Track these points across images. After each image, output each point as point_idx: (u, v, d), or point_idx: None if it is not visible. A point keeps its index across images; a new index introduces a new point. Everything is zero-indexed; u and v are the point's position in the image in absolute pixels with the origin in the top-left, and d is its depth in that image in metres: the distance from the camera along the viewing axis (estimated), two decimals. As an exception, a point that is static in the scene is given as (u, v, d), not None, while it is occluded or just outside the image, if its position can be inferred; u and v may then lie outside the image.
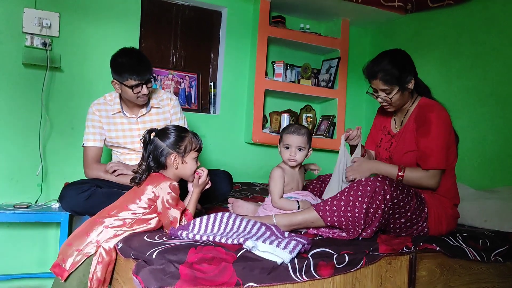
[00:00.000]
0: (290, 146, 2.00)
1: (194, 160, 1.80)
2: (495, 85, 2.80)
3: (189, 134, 1.81)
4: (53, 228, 2.85)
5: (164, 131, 1.79)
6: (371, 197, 1.73)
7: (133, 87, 2.16)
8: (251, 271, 1.44)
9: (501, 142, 2.72)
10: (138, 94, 2.19)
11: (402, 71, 1.95)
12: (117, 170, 2.20)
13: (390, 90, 1.97)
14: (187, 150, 1.77)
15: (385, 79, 1.95)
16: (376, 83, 1.98)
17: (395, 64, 1.95)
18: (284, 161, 2.04)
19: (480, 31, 2.94)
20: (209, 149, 3.40)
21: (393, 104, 2.02)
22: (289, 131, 2.02)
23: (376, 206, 1.74)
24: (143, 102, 2.27)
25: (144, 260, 1.41)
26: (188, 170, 1.78)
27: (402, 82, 1.96)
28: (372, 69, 1.99)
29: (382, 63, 1.96)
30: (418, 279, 1.79)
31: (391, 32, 3.75)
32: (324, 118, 3.78)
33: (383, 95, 2.00)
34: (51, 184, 2.85)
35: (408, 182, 1.92)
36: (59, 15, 2.87)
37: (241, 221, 1.69)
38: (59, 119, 2.89)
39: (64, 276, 1.62)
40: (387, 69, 1.94)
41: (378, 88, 1.99)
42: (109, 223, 1.66)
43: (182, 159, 1.76)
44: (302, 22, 3.71)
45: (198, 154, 1.82)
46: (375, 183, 1.74)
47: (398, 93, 1.98)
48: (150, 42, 3.32)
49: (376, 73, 1.96)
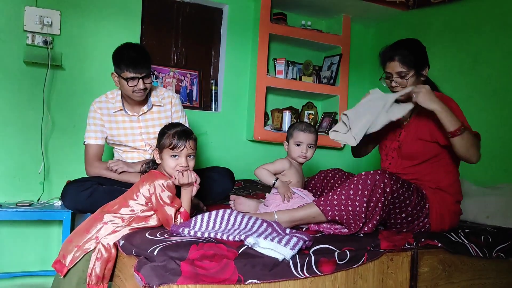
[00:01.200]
0: (302, 144, 2.08)
1: (171, 158, 1.74)
2: (498, 81, 2.79)
3: (172, 130, 1.76)
4: (55, 226, 2.86)
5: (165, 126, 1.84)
6: (371, 190, 1.73)
7: (128, 79, 2.15)
8: (252, 268, 1.45)
9: (504, 139, 2.71)
10: (134, 88, 2.18)
11: (419, 56, 1.99)
12: (118, 168, 2.20)
13: (407, 72, 1.96)
14: (164, 146, 1.75)
15: (403, 61, 1.95)
16: (393, 65, 1.98)
17: (412, 49, 1.99)
18: (294, 157, 2.09)
19: (482, 27, 2.92)
20: (210, 147, 3.40)
21: None
22: (301, 128, 2.09)
23: (376, 199, 1.74)
24: (140, 97, 2.25)
25: (146, 257, 1.41)
26: (166, 166, 1.75)
27: (418, 67, 1.98)
28: (390, 52, 2.00)
29: (401, 48, 1.99)
30: (420, 275, 1.79)
31: (392, 28, 3.74)
32: (326, 115, 3.78)
33: (398, 79, 1.98)
34: (53, 182, 2.86)
35: (464, 139, 1.80)
36: (60, 13, 2.87)
37: (242, 218, 1.69)
38: (61, 117, 2.89)
39: (64, 272, 1.63)
40: (405, 53, 1.96)
41: (394, 71, 1.98)
42: (109, 219, 1.67)
43: (160, 155, 1.77)
44: (303, 19, 3.71)
45: (174, 153, 1.74)
46: (375, 176, 1.75)
47: (413, 77, 1.97)
48: (151, 40, 3.32)
49: (393, 56, 1.97)
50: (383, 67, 2.05)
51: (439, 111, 1.81)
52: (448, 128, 1.81)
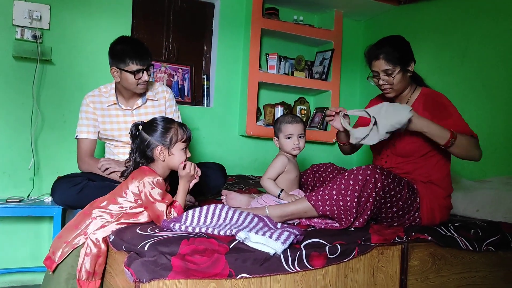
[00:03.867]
0: (292, 136, 2.07)
1: (183, 151, 1.78)
2: (486, 76, 2.81)
3: (175, 124, 1.79)
4: (46, 222, 2.84)
5: (151, 123, 1.79)
6: (363, 185, 1.74)
7: (135, 72, 2.14)
8: (243, 262, 1.45)
9: (492, 133, 2.73)
10: (139, 81, 2.17)
11: (404, 53, 1.99)
12: (109, 168, 2.18)
13: (393, 70, 1.97)
14: (173, 141, 1.76)
15: (387, 59, 1.96)
16: (378, 63, 1.99)
17: (396, 46, 1.99)
18: (287, 151, 2.08)
19: (472, 22, 2.94)
20: (202, 142, 3.39)
21: (395, 86, 2.01)
22: (288, 121, 2.08)
23: (368, 195, 1.75)
24: (142, 90, 2.25)
25: (136, 252, 1.41)
26: (176, 161, 1.77)
27: (404, 63, 1.98)
28: (375, 51, 2.01)
29: (384, 45, 2.00)
30: (410, 269, 1.80)
31: (384, 23, 3.74)
32: (318, 110, 3.78)
33: (385, 77, 1.99)
34: (44, 178, 2.84)
35: (459, 146, 1.85)
36: (50, 7, 2.84)
37: (234, 213, 1.69)
38: (51, 112, 2.87)
39: (53, 268, 1.62)
40: (389, 50, 1.97)
41: (380, 69, 1.99)
42: (97, 215, 1.66)
43: (168, 151, 1.75)
44: (295, 14, 3.70)
45: (186, 145, 1.80)
46: (366, 171, 1.75)
47: (400, 74, 1.98)
48: (142, 34, 3.30)
49: (378, 54, 1.98)
50: (369, 66, 2.05)
51: (425, 132, 1.86)
52: (440, 143, 1.86)
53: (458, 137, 1.84)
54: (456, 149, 1.87)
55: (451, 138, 1.83)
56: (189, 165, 1.77)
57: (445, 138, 1.84)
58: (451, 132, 1.84)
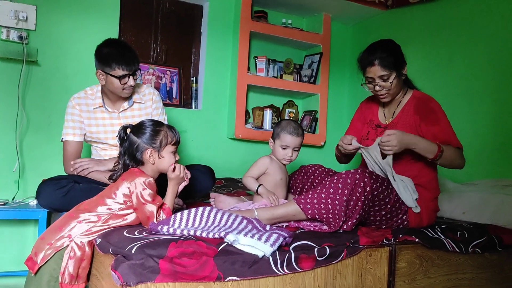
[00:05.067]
0: (288, 147, 2.05)
1: (172, 154, 1.78)
2: (473, 80, 2.85)
3: (165, 127, 1.78)
4: (31, 225, 2.79)
5: (139, 127, 1.77)
6: (351, 189, 1.74)
7: (120, 77, 2.12)
8: (232, 265, 1.44)
9: (479, 136, 2.76)
10: (125, 86, 2.15)
11: (397, 57, 1.99)
12: (87, 168, 2.15)
13: (389, 75, 1.97)
14: (162, 144, 1.75)
15: (383, 64, 1.95)
16: (374, 70, 1.97)
17: (390, 51, 1.99)
18: (278, 158, 2.08)
19: (459, 26, 2.98)
20: (191, 145, 3.38)
21: (391, 91, 2.01)
22: (289, 131, 2.04)
23: (356, 198, 1.75)
24: (128, 94, 2.23)
25: (123, 255, 1.39)
26: (165, 164, 1.76)
27: (399, 68, 2.00)
28: (368, 57, 1.99)
29: (378, 51, 1.98)
30: (398, 271, 1.81)
31: (371, 27, 3.77)
32: (306, 113, 3.79)
33: (381, 82, 1.99)
34: (29, 180, 2.79)
35: (445, 158, 1.88)
36: (36, 8, 2.80)
37: (222, 215, 1.68)
38: (36, 114, 2.83)
39: (35, 270, 1.60)
40: (383, 55, 1.96)
41: (375, 75, 1.98)
42: (84, 218, 1.64)
43: (158, 153, 1.74)
44: (284, 17, 3.71)
45: (175, 148, 1.80)
46: (355, 175, 1.76)
47: (396, 79, 1.99)
48: (130, 36, 3.28)
49: (373, 60, 1.97)
50: (363, 72, 2.04)
51: (414, 148, 1.87)
52: (428, 158, 1.89)
53: (445, 150, 1.88)
54: (442, 161, 1.91)
55: (439, 152, 1.87)
56: (178, 167, 1.76)
57: (433, 153, 1.87)
58: (438, 146, 1.87)
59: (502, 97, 2.66)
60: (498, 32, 2.71)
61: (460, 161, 1.97)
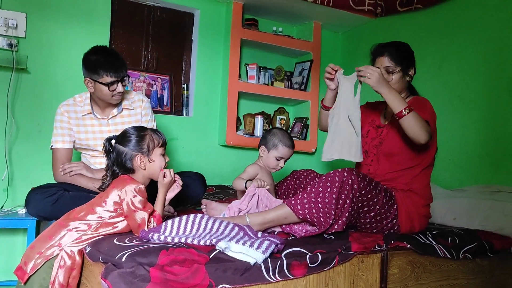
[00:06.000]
0: (282, 159, 2.12)
1: (161, 157, 1.77)
2: (462, 87, 2.87)
3: (149, 131, 1.78)
4: (20, 234, 2.76)
5: (124, 135, 1.76)
6: (340, 187, 1.76)
7: (109, 84, 2.11)
8: (224, 272, 1.43)
9: (468, 143, 2.79)
10: (114, 92, 2.15)
11: (407, 57, 2.10)
12: (74, 170, 2.14)
13: (394, 68, 2.04)
14: (150, 148, 1.74)
15: (391, 56, 2.05)
16: (382, 60, 2.06)
17: (401, 49, 2.10)
18: (268, 166, 2.12)
19: (447, 35, 3.01)
20: (182, 152, 3.37)
21: (392, 85, 2.02)
22: (287, 144, 2.12)
23: (345, 196, 1.77)
24: (117, 101, 2.23)
25: (113, 264, 1.38)
26: (157, 167, 1.75)
27: (405, 66, 2.07)
28: (381, 48, 2.10)
29: (391, 45, 2.10)
30: (390, 277, 1.81)
31: (361, 35, 3.80)
32: (297, 120, 3.80)
33: (385, 74, 2.04)
34: (18, 189, 2.76)
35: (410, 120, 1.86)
36: (26, 15, 2.79)
37: (214, 222, 1.67)
38: (26, 121, 2.80)
39: (25, 279, 1.58)
40: (394, 50, 2.07)
41: (382, 65, 2.05)
42: (74, 226, 1.62)
43: (148, 158, 1.73)
44: (275, 24, 3.73)
45: (164, 150, 1.79)
46: (343, 173, 1.79)
47: (399, 74, 2.06)
48: (121, 44, 3.27)
49: (383, 51, 2.07)
50: (372, 63, 2.12)
51: (386, 94, 1.91)
52: (394, 110, 1.89)
53: (413, 112, 1.87)
54: (407, 122, 1.87)
55: (406, 108, 1.86)
56: (168, 172, 1.75)
57: (401, 106, 1.87)
58: (408, 105, 1.88)
59: (492, 104, 2.69)
60: (487, 40, 2.75)
61: (424, 130, 1.88)
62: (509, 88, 2.60)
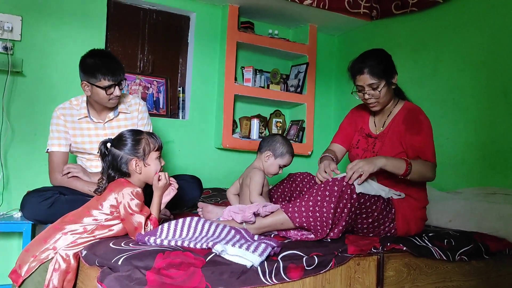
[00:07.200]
0: (284, 167, 2.18)
1: (157, 160, 1.77)
2: (457, 90, 2.89)
3: (145, 135, 1.77)
4: (15, 238, 2.74)
5: (119, 139, 1.75)
6: (339, 196, 1.75)
7: (106, 88, 2.11)
8: (220, 276, 1.43)
9: (463, 145, 2.80)
10: (111, 96, 2.14)
11: (387, 66, 2.01)
12: (72, 172, 2.14)
13: (378, 84, 1.98)
14: (146, 152, 1.73)
15: (372, 72, 1.97)
16: (363, 78, 1.99)
17: (379, 59, 2.00)
18: (269, 172, 2.15)
19: (443, 38, 3.03)
20: (178, 155, 3.36)
21: (381, 100, 2.02)
22: (292, 154, 2.18)
23: (343, 205, 1.76)
24: (114, 104, 2.22)
25: (110, 267, 1.37)
26: (152, 171, 1.75)
27: (388, 76, 2.00)
28: (358, 65, 2.01)
29: (367, 59, 2.00)
30: (386, 279, 1.82)
31: (357, 38, 3.82)
32: (293, 123, 3.81)
33: (371, 91, 2.00)
34: (13, 192, 2.75)
35: (414, 173, 1.88)
36: (21, 19, 2.79)
37: (210, 225, 1.67)
38: (21, 125, 2.79)
39: (19, 283, 1.57)
40: (373, 64, 1.98)
41: (365, 83, 1.99)
42: (69, 229, 1.61)
43: (144, 162, 1.73)
44: (270, 27, 3.74)
45: (159, 154, 1.79)
46: (342, 182, 1.76)
47: (385, 87, 2.00)
48: (117, 47, 3.27)
49: (362, 68, 1.98)
50: (353, 81, 2.05)
51: (384, 166, 1.86)
52: (398, 175, 1.89)
53: (413, 165, 1.88)
54: (412, 176, 1.90)
55: (407, 170, 1.87)
56: (163, 175, 1.75)
57: (402, 169, 1.87)
58: (406, 163, 1.87)
59: (486, 107, 2.70)
60: (482, 43, 2.77)
61: (430, 175, 1.95)
62: (504, 91, 2.61)
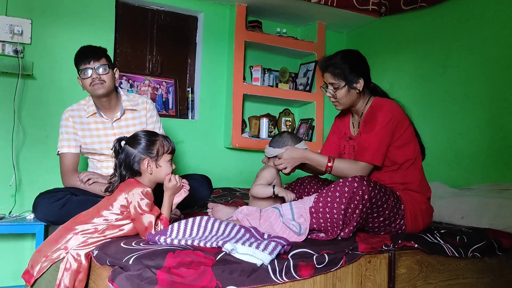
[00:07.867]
0: None
1: (169, 163, 1.78)
2: (468, 85, 2.86)
3: (160, 137, 1.78)
4: (28, 239, 2.78)
5: (134, 137, 1.76)
6: (350, 197, 1.73)
7: (80, 71, 2.16)
8: (230, 274, 1.43)
9: (475, 141, 2.77)
10: (88, 80, 2.15)
11: (352, 69, 1.98)
12: (92, 178, 2.16)
13: (338, 85, 1.99)
14: (159, 153, 1.74)
15: (333, 72, 1.98)
16: (326, 76, 2.01)
17: (346, 61, 1.98)
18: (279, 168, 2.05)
19: (452, 32, 3.00)
20: (188, 155, 3.37)
21: (340, 101, 2.02)
22: None
23: (354, 206, 1.74)
24: (100, 90, 2.17)
25: (121, 267, 1.38)
26: (163, 173, 1.75)
27: (350, 80, 1.98)
28: (324, 63, 2.02)
29: (334, 58, 2.00)
30: (398, 277, 1.80)
31: (365, 35, 3.80)
32: (302, 121, 3.80)
33: (331, 90, 2.01)
34: (25, 194, 2.78)
35: (336, 172, 1.96)
36: (31, 22, 2.82)
37: (220, 224, 1.67)
38: (32, 127, 2.82)
39: (31, 282, 1.59)
40: (337, 64, 1.98)
41: (327, 81, 2.02)
42: (80, 229, 1.62)
43: (156, 163, 1.74)
44: (278, 26, 3.74)
45: (171, 157, 1.80)
46: (353, 183, 1.74)
47: (343, 89, 1.99)
48: (126, 48, 3.29)
49: (327, 67, 2.00)
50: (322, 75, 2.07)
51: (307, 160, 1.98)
52: (321, 170, 1.98)
53: (336, 164, 1.95)
54: (334, 173, 1.97)
55: (328, 167, 1.96)
56: (174, 177, 1.75)
57: (323, 165, 1.96)
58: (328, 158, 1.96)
59: (496, 102, 2.67)
60: (492, 38, 2.74)
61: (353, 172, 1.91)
62: (516, 85, 2.58)
